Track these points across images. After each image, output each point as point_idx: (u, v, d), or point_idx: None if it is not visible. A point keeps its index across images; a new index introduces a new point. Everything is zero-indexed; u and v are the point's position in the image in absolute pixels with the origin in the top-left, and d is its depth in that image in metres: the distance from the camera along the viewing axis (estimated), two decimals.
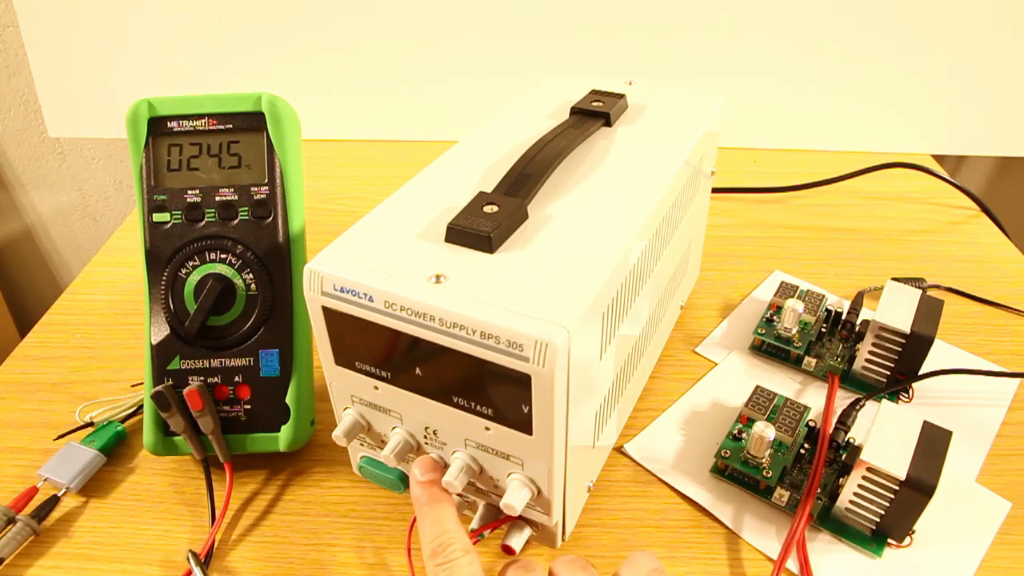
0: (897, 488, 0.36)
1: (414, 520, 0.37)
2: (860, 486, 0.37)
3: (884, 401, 0.40)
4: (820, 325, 0.51)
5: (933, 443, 0.36)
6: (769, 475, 0.40)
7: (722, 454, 0.42)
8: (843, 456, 0.41)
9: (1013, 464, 0.43)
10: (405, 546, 0.37)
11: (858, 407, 0.44)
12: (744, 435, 0.43)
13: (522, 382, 0.29)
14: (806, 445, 0.42)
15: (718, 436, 0.44)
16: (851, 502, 0.38)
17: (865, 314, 0.51)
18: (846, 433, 0.42)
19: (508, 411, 0.31)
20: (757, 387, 0.45)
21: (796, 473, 0.41)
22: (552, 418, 0.30)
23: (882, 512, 0.37)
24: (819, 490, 0.40)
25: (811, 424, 0.43)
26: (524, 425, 0.31)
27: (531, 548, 0.38)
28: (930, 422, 0.38)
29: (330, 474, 0.43)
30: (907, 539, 0.38)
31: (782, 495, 0.40)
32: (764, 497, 0.41)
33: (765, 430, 0.40)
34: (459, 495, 0.36)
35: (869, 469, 0.36)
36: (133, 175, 0.42)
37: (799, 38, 0.72)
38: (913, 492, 0.35)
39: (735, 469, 0.41)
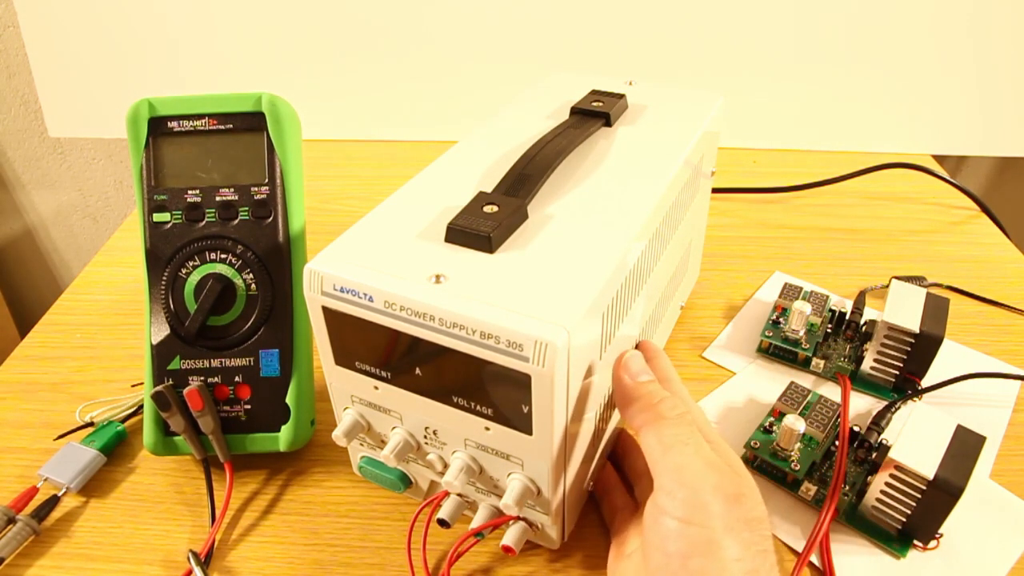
0: (924, 488, 0.36)
1: (414, 520, 0.37)
2: (888, 484, 0.37)
3: (918, 403, 0.40)
4: (825, 326, 0.51)
5: (965, 446, 0.36)
6: (797, 468, 0.41)
7: (752, 444, 0.42)
8: (874, 455, 0.41)
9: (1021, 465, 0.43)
10: (405, 545, 0.37)
11: (893, 409, 0.44)
12: (775, 428, 0.43)
13: (522, 382, 0.29)
14: (837, 443, 0.42)
15: (739, 437, 0.44)
16: (878, 499, 0.38)
17: (868, 313, 0.51)
18: (879, 434, 0.42)
19: (508, 411, 0.31)
20: (792, 383, 0.45)
21: (826, 469, 0.42)
22: (552, 418, 0.30)
23: (908, 512, 0.37)
24: (848, 487, 0.41)
25: (856, 428, 0.43)
26: (524, 425, 0.31)
27: (531, 548, 0.38)
28: (964, 426, 0.37)
29: (330, 474, 0.43)
30: (933, 542, 0.38)
31: (809, 489, 0.40)
32: (791, 490, 0.41)
33: (795, 423, 0.40)
34: (459, 495, 0.37)
35: (897, 467, 0.36)
36: (133, 175, 0.42)
37: (799, 38, 0.72)
38: (940, 493, 0.35)
39: (764, 460, 0.42)
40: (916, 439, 0.37)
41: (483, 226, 0.32)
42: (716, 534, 0.28)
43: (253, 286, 0.41)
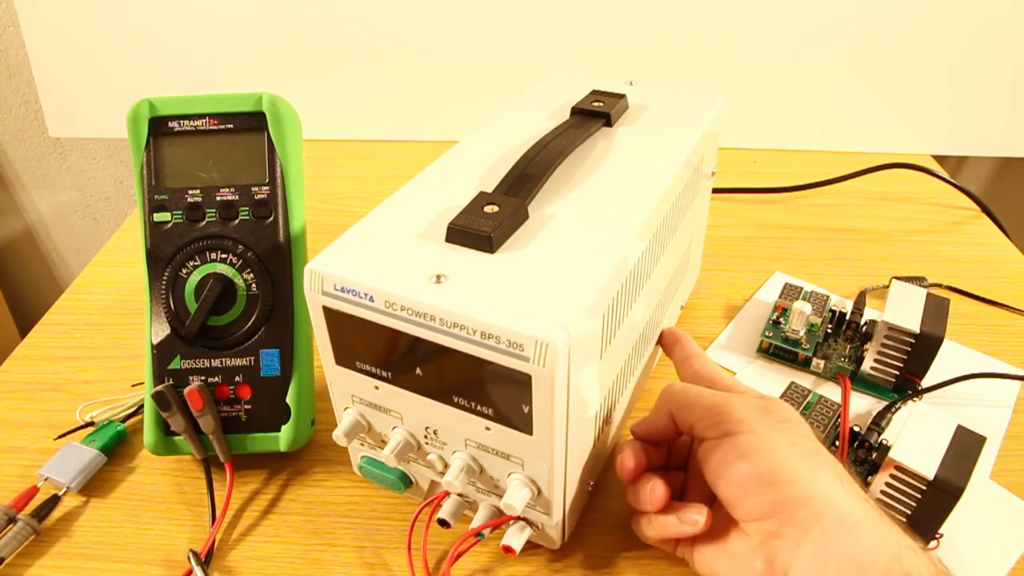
0: (924, 488, 0.36)
1: (414, 519, 0.37)
2: (888, 484, 0.37)
3: (918, 403, 0.40)
4: (826, 326, 0.51)
5: (965, 447, 0.36)
6: None
7: None
8: (874, 456, 0.41)
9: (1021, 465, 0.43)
10: (405, 545, 0.37)
11: (893, 409, 0.44)
12: None
13: (522, 382, 0.29)
14: (837, 443, 0.42)
15: None
16: (877, 500, 0.38)
17: (868, 314, 0.51)
18: (879, 434, 0.42)
19: (508, 411, 0.31)
20: (792, 383, 0.45)
21: None
22: (552, 418, 0.30)
23: (908, 512, 0.37)
24: None
25: (856, 428, 0.43)
26: (524, 425, 0.31)
27: (531, 548, 0.38)
28: (964, 426, 0.37)
29: (330, 474, 0.43)
30: (933, 542, 0.38)
31: None
32: None
33: None
34: (459, 495, 0.37)
35: (897, 467, 0.36)
36: (134, 175, 0.42)
37: (799, 38, 0.73)
38: (940, 493, 0.35)
39: None
40: (916, 439, 0.37)
41: (484, 226, 0.32)
42: (763, 433, 0.31)
43: (253, 286, 0.41)
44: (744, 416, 0.32)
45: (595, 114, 0.43)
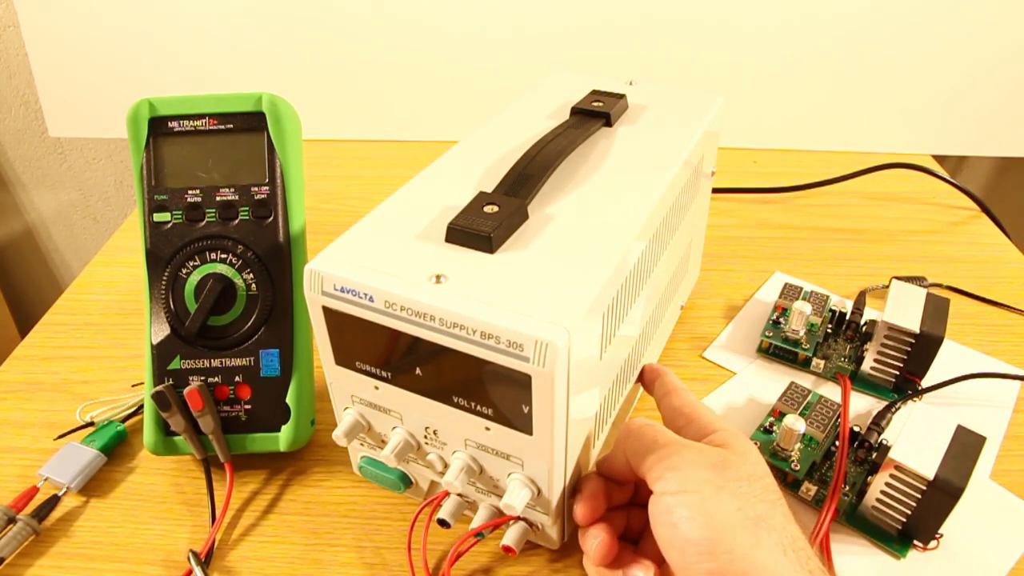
0: (924, 488, 0.36)
1: (414, 519, 0.37)
2: (888, 484, 0.37)
3: (918, 403, 0.40)
4: (826, 326, 0.51)
5: (965, 446, 0.36)
6: (797, 468, 0.41)
7: None
8: (874, 455, 0.41)
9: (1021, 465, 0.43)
10: (405, 545, 0.37)
11: (893, 409, 0.44)
12: (775, 428, 0.43)
13: (522, 382, 0.29)
14: (837, 443, 0.42)
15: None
16: (878, 500, 0.38)
17: (868, 314, 0.51)
18: (879, 434, 0.42)
19: (508, 411, 0.31)
20: (792, 383, 0.46)
21: (826, 469, 0.42)
22: (552, 418, 0.30)
23: (908, 512, 0.37)
24: (848, 488, 0.41)
25: (856, 429, 0.43)
26: (524, 425, 0.31)
27: (531, 548, 0.38)
28: (964, 426, 0.37)
29: (330, 474, 0.43)
30: (933, 542, 0.38)
31: (809, 489, 0.40)
32: (791, 490, 0.41)
33: (795, 423, 0.41)
34: (459, 495, 0.37)
35: (897, 467, 0.36)
36: (134, 175, 0.42)
37: (799, 38, 0.72)
38: (940, 493, 0.35)
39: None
40: (916, 439, 0.37)
41: (483, 226, 0.32)
42: (708, 494, 0.29)
43: (253, 286, 0.41)
44: (692, 474, 0.30)
45: (595, 114, 0.43)
